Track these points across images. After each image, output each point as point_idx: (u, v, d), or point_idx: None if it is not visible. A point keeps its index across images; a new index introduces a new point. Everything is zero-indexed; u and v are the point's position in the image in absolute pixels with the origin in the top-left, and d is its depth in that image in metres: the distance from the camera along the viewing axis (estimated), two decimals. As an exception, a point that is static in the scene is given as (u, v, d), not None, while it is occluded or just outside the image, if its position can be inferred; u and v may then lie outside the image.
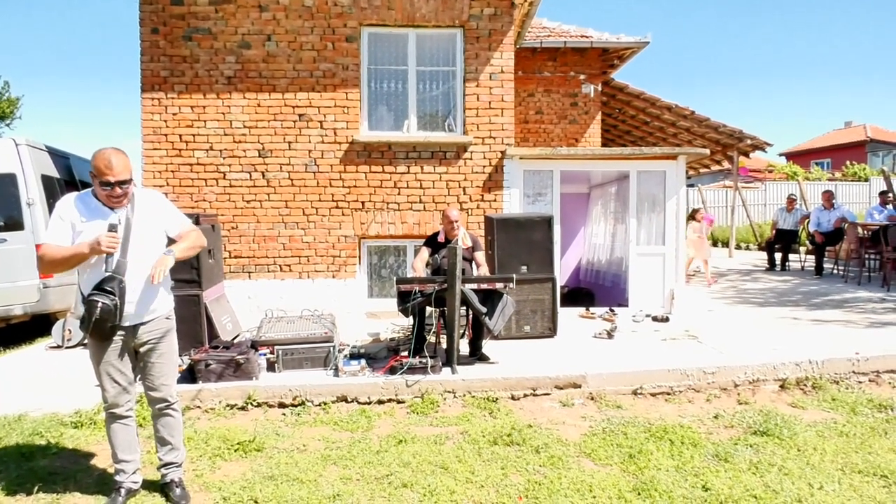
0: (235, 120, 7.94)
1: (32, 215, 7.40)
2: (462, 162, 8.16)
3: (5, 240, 7.38)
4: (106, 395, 3.25)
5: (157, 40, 7.83)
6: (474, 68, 8.11)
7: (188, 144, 7.92)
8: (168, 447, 3.40)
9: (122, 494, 3.29)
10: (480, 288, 5.47)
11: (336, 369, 5.19)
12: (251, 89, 7.94)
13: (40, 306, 7.51)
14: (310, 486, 3.46)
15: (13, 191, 7.40)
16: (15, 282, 7.32)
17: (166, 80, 7.86)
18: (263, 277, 8.04)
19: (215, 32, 7.87)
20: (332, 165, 8.05)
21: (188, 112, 7.90)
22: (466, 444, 4.02)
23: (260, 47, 7.92)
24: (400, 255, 8.45)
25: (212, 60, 7.89)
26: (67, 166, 8.73)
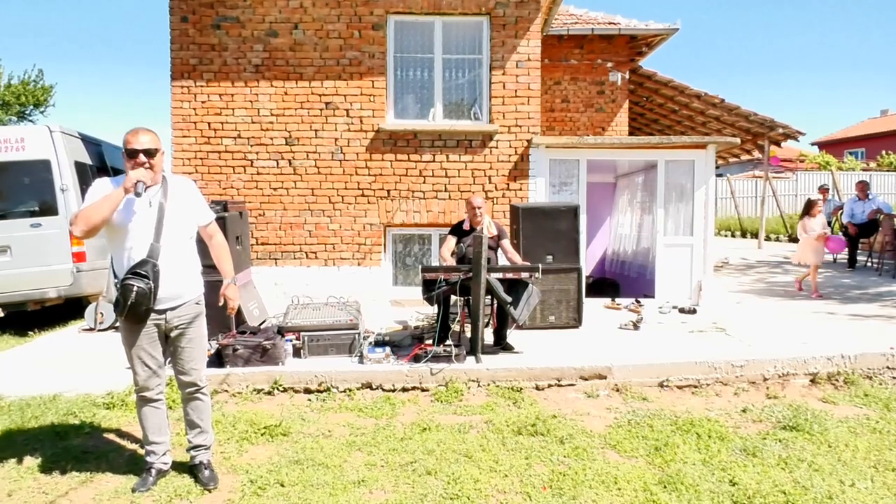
0: (263, 108, 7.99)
1: (66, 201, 7.54)
2: (488, 150, 8.12)
3: (40, 224, 7.54)
4: (137, 379, 3.31)
5: (187, 28, 7.89)
6: (500, 56, 8.04)
7: (216, 132, 8.00)
8: (197, 430, 3.47)
9: (153, 475, 3.36)
10: (505, 277, 5.46)
11: (361, 356, 5.23)
12: (278, 77, 7.98)
13: (73, 290, 7.66)
14: (335, 471, 3.49)
15: (47, 177, 7.54)
16: (49, 265, 7.48)
17: (195, 69, 7.94)
18: (290, 264, 8.11)
19: (243, 21, 7.92)
20: (357, 153, 8.07)
21: (216, 100, 7.97)
22: (490, 434, 4.02)
23: (287, 35, 7.95)
24: (425, 244, 8.46)
25: (240, 48, 7.94)
26: (99, 153, 8.87)
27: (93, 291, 7.80)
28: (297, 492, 3.24)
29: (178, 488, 3.29)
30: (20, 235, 7.49)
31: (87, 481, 3.41)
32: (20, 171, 7.63)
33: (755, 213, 20.03)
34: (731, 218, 21.25)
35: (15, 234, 7.49)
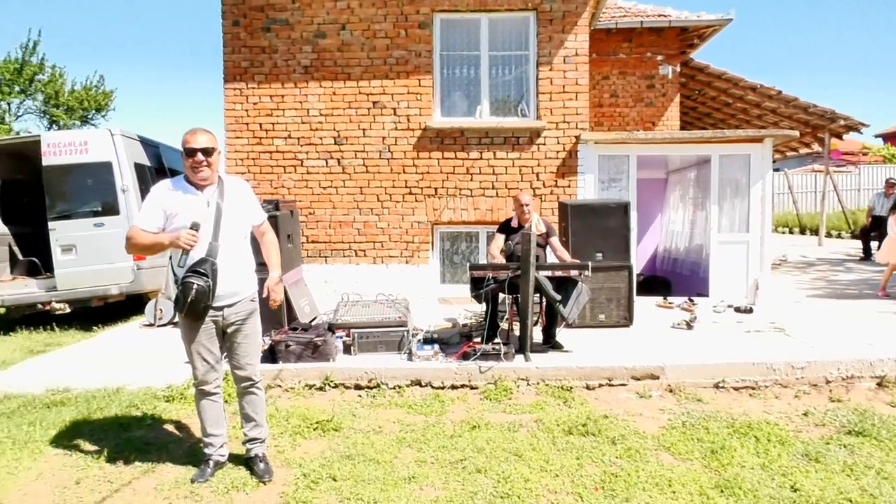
0: (312, 108, 8.12)
1: (126, 201, 7.83)
2: (535, 147, 8.05)
3: (103, 224, 7.85)
4: (195, 373, 3.41)
5: (238, 32, 8.09)
6: (548, 52, 7.96)
7: (268, 133, 8.17)
8: (252, 424, 3.55)
9: (211, 466, 3.46)
10: (554, 275, 5.40)
11: (410, 353, 5.26)
12: (327, 78, 8.10)
13: (134, 286, 7.95)
14: (386, 466, 3.52)
15: (109, 178, 7.84)
16: (112, 263, 7.77)
17: (247, 71, 8.13)
18: (339, 262, 8.23)
19: (292, 23, 8.06)
20: (405, 152, 8.12)
21: (267, 101, 8.15)
22: (540, 433, 3.99)
23: (335, 36, 8.06)
24: (472, 242, 8.45)
25: (289, 50, 8.09)
26: (157, 154, 9.18)
27: (152, 288, 8.09)
28: (349, 486, 3.28)
29: (235, 480, 3.38)
30: (84, 234, 7.81)
31: (148, 471, 3.54)
32: (84, 172, 7.96)
33: (815, 208, 19.29)
34: (788, 214, 20.53)
35: (80, 234, 7.82)
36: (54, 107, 18.45)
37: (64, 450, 3.86)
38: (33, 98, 18.45)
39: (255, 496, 3.24)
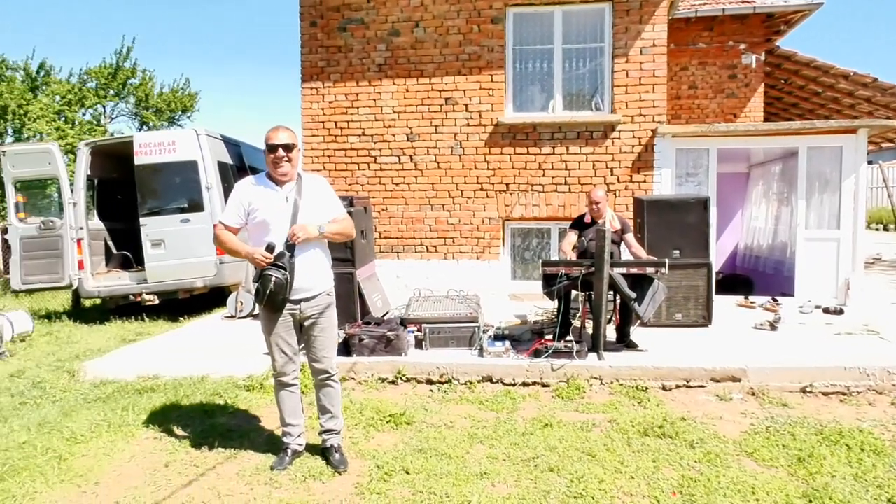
0: (385, 105, 8.24)
1: (210, 198, 8.20)
2: (609, 142, 7.88)
3: (188, 220, 8.25)
4: (275, 364, 3.54)
5: (315, 33, 8.30)
6: (624, 43, 7.76)
7: (343, 130, 8.35)
8: (328, 415, 3.64)
9: (289, 455, 3.57)
10: (630, 272, 5.27)
11: (481, 349, 5.26)
12: (400, 75, 8.19)
13: (217, 280, 8.32)
14: (458, 461, 3.54)
15: (195, 176, 8.23)
16: (197, 257, 8.16)
17: (323, 70, 8.33)
18: (411, 258, 8.32)
19: (367, 22, 8.20)
20: (477, 148, 8.12)
21: (342, 99, 8.33)
22: (615, 433, 3.91)
23: (408, 34, 8.14)
24: (544, 238, 8.37)
25: (364, 49, 8.23)
26: (239, 153, 9.55)
27: (233, 282, 8.43)
28: (422, 480, 3.32)
29: (312, 469, 3.48)
30: (172, 230, 8.24)
31: (231, 457, 3.69)
32: (172, 171, 8.38)
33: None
34: (883, 209, 19.24)
35: (168, 229, 8.24)
36: (145, 109, 19.52)
37: (154, 434, 4.09)
38: (126, 101, 19.57)
39: (331, 486, 3.32)
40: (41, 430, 4.22)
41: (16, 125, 16.60)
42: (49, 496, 3.29)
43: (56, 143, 9.27)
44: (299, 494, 3.22)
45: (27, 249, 8.50)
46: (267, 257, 3.26)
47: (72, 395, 4.99)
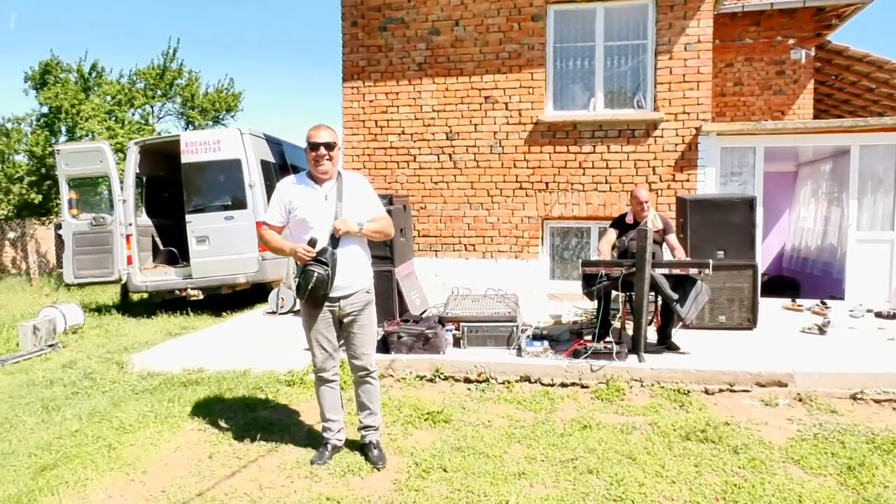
0: (425, 104, 8.27)
1: (253, 196, 8.36)
2: (652, 140, 7.75)
3: (232, 217, 8.43)
4: (315, 360, 3.59)
5: (357, 32, 8.38)
6: (667, 39, 7.62)
7: (383, 129, 8.42)
8: (367, 412, 3.68)
9: (329, 450, 3.62)
10: (672, 273, 5.18)
11: (519, 349, 5.24)
12: (440, 74, 8.21)
13: (259, 276, 8.49)
14: (495, 461, 3.54)
15: (238, 174, 8.40)
16: (240, 254, 8.34)
17: (364, 70, 8.40)
18: (449, 256, 8.34)
19: (408, 21, 8.24)
20: (516, 146, 8.08)
21: (383, 98, 8.39)
22: (655, 437, 3.85)
23: (448, 33, 8.15)
24: (583, 237, 8.29)
25: (404, 48, 8.27)
26: (280, 152, 9.71)
27: (275, 278, 8.58)
28: (460, 478, 3.33)
29: (351, 464, 3.52)
30: (216, 227, 8.43)
31: (272, 450, 3.76)
32: (216, 169, 8.58)
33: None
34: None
35: (212, 226, 8.44)
36: (190, 108, 19.99)
37: (199, 425, 4.19)
38: (173, 101, 20.07)
39: (370, 481, 3.36)
40: (92, 419, 4.37)
41: (69, 125, 17.18)
42: (99, 483, 3.40)
43: (107, 143, 9.58)
44: (338, 489, 3.26)
45: (79, 245, 8.81)
46: (309, 251, 3.30)
47: (121, 386, 5.16)
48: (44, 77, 17.53)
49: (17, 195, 17.49)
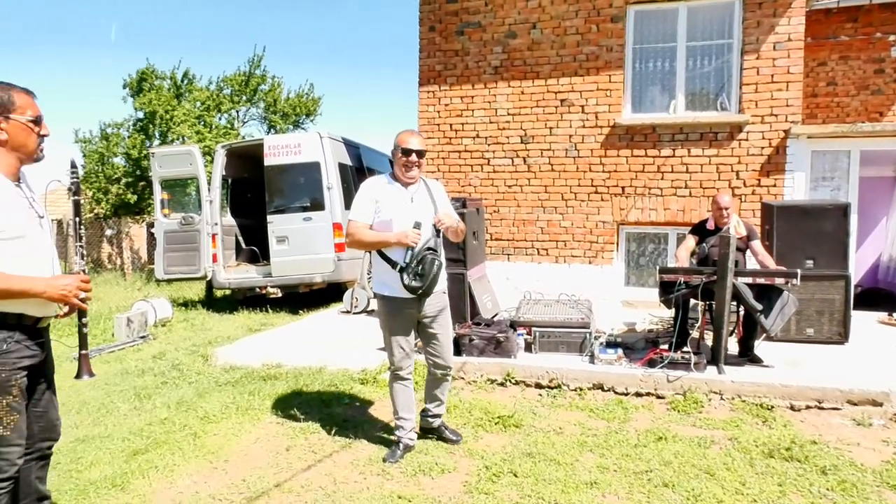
0: (500, 108, 8.27)
1: (331, 198, 8.60)
2: (736, 143, 7.45)
3: (311, 218, 8.70)
4: (393, 359, 3.66)
5: (434, 37, 8.47)
6: (755, 38, 7.31)
7: (457, 133, 8.47)
8: (437, 402, 3.86)
9: (401, 448, 3.68)
10: (756, 282, 4.96)
11: (592, 356, 5.15)
12: (515, 77, 8.19)
13: (334, 276, 8.72)
14: (567, 468, 3.49)
15: (317, 177, 8.67)
16: (317, 254, 8.60)
17: (440, 74, 8.49)
18: (521, 260, 8.29)
19: (484, 25, 8.26)
20: (592, 150, 7.95)
21: (458, 102, 8.44)
22: (736, 452, 3.70)
23: (525, 35, 8.11)
24: (660, 243, 8.06)
25: (480, 52, 8.30)
26: (357, 155, 9.95)
27: (349, 278, 8.79)
28: (530, 484, 3.31)
29: (422, 464, 3.56)
30: (295, 228, 8.72)
31: (346, 446, 3.86)
32: (296, 172, 8.88)
33: None
34: None
35: (292, 227, 8.74)
36: (273, 113, 20.77)
37: (277, 419, 4.35)
38: (256, 106, 20.93)
39: (440, 482, 3.38)
40: (179, 408, 4.61)
41: (162, 129, 18.20)
42: (185, 469, 3.59)
43: (196, 146, 10.10)
44: (410, 488, 3.31)
45: (169, 243, 9.32)
46: (417, 233, 3.40)
47: (205, 378, 5.42)
48: (140, 84, 18.65)
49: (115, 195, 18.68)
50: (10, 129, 2.33)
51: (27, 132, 2.36)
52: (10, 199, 2.30)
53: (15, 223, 2.29)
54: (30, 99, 2.40)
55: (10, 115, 2.32)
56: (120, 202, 18.70)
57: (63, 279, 2.37)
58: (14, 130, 2.33)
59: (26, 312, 2.36)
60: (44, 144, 2.44)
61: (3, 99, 2.32)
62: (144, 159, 17.30)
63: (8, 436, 2.33)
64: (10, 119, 2.32)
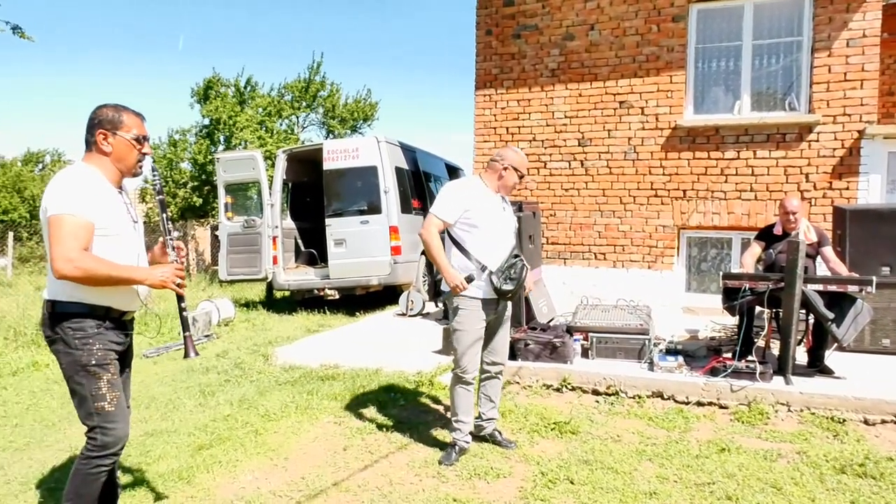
0: (557, 110, 8.19)
1: (387, 201, 8.71)
2: (805, 145, 7.15)
3: (367, 221, 8.83)
4: (463, 361, 3.66)
5: (490, 41, 8.47)
6: (826, 35, 7.01)
7: (513, 136, 8.44)
8: (491, 405, 3.90)
9: (456, 451, 3.69)
10: (827, 290, 4.74)
11: (651, 363, 5.03)
12: (573, 80, 8.10)
13: (390, 279, 8.82)
14: (625, 477, 3.42)
15: (374, 181, 8.79)
16: (373, 257, 8.72)
17: (496, 78, 8.48)
18: (578, 264, 8.19)
19: (541, 27, 8.21)
20: (651, 152, 7.78)
21: (514, 105, 8.41)
22: (804, 467, 3.54)
23: (583, 37, 8.02)
24: (723, 248, 7.81)
25: (537, 55, 8.25)
26: (414, 159, 10.04)
27: (405, 281, 8.88)
28: (587, 492, 3.25)
29: (477, 468, 3.55)
30: (353, 231, 8.87)
31: (402, 448, 3.89)
32: (354, 176, 9.04)
33: None
34: None
35: (349, 230, 8.89)
36: (331, 118, 21.23)
37: (334, 418, 4.42)
38: (315, 111, 21.42)
39: (496, 486, 3.37)
40: (241, 405, 4.75)
41: (226, 135, 18.86)
42: (247, 465, 3.69)
43: (259, 151, 10.40)
44: (465, 491, 3.31)
45: (232, 245, 9.63)
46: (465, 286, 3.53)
47: (266, 377, 5.56)
48: (206, 92, 19.37)
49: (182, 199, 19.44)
50: (116, 143, 2.60)
51: (129, 148, 2.63)
52: (112, 201, 2.57)
53: (115, 223, 2.56)
54: (138, 120, 2.66)
55: (117, 132, 2.59)
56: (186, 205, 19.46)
57: (161, 268, 2.63)
58: (118, 145, 2.60)
59: (113, 306, 2.59)
60: (143, 162, 2.70)
61: (113, 117, 2.59)
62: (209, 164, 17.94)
63: (113, 411, 2.56)
64: (116, 135, 2.59)
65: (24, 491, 3.48)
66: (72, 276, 2.37)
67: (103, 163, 2.59)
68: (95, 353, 2.52)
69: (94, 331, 2.53)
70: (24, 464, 3.88)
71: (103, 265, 2.44)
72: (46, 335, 2.57)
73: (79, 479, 2.56)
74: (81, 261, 2.38)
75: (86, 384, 2.52)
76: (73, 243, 2.37)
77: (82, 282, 2.43)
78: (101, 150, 2.58)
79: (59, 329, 2.51)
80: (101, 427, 2.54)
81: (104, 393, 2.54)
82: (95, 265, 2.42)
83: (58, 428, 4.54)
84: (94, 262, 2.42)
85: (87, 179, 2.51)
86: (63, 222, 2.38)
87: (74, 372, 2.52)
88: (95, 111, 2.60)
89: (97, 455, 2.55)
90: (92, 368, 2.52)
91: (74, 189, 2.44)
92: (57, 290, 2.51)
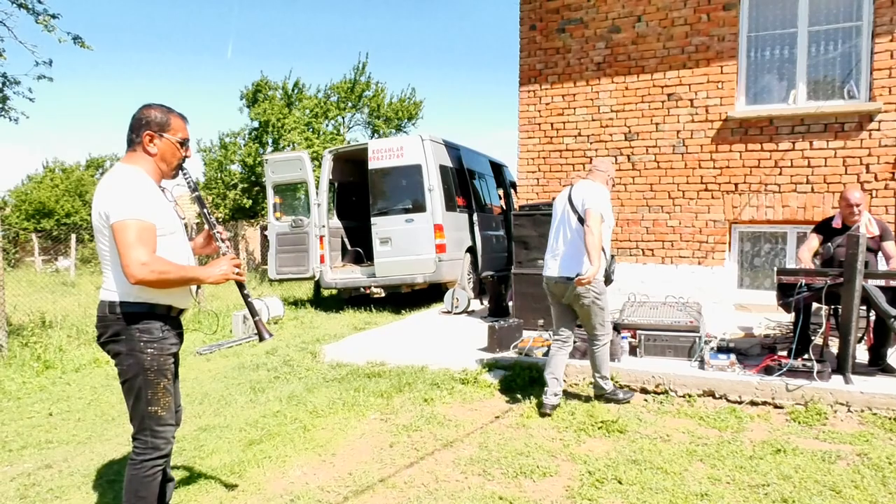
0: (603, 105, 8.06)
1: (432, 199, 8.74)
2: (866, 134, 6.84)
3: (412, 220, 8.88)
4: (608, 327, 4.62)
5: (534, 36, 8.39)
6: (888, 19, 6.68)
7: (558, 132, 8.34)
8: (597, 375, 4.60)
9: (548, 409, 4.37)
10: (889, 285, 4.53)
11: (702, 361, 4.91)
12: (619, 73, 7.95)
13: (435, 277, 8.84)
14: (675, 478, 3.35)
15: (419, 179, 8.83)
16: (418, 255, 8.76)
17: (541, 73, 8.40)
18: (625, 261, 8.04)
19: (586, 21, 8.08)
20: (701, 145, 7.58)
21: (559, 101, 8.31)
22: (866, 469, 3.40)
23: (629, 30, 7.86)
24: (777, 243, 7.55)
25: (582, 49, 8.13)
26: (458, 156, 10.04)
27: (450, 279, 8.89)
28: (636, 492, 3.20)
29: (523, 467, 3.52)
30: (398, 229, 8.93)
31: (447, 445, 3.90)
32: (399, 174, 9.10)
33: None
34: None
35: (394, 228, 8.96)
36: (376, 118, 21.42)
37: (381, 415, 4.47)
38: (361, 111, 21.65)
39: (542, 485, 3.35)
40: (290, 402, 4.85)
41: (274, 136, 19.25)
42: (296, 460, 3.77)
43: (306, 152, 10.57)
44: (511, 490, 3.30)
45: (281, 244, 9.82)
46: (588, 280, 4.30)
47: (314, 374, 5.66)
48: (255, 95, 19.80)
49: (232, 200, 19.94)
50: (162, 144, 2.64)
51: (174, 150, 2.68)
52: (163, 201, 2.64)
53: (170, 221, 2.62)
54: (183, 123, 2.72)
55: (164, 134, 2.64)
56: (236, 206, 19.95)
57: (218, 263, 2.70)
58: (164, 147, 2.65)
59: (173, 304, 2.67)
60: (185, 164, 2.77)
61: (161, 119, 2.63)
62: (258, 166, 18.34)
63: (164, 415, 2.64)
64: (163, 137, 2.63)
65: (85, 483, 3.63)
66: (148, 279, 2.43)
67: (147, 163, 2.62)
68: (157, 358, 2.58)
69: (160, 334, 2.59)
70: (85, 457, 4.05)
71: (173, 267, 2.51)
72: (107, 335, 2.58)
73: (136, 483, 2.61)
74: (155, 264, 2.44)
75: (143, 388, 2.57)
76: (144, 247, 2.43)
77: (155, 285, 2.48)
78: (146, 150, 2.61)
79: (124, 332, 2.55)
80: (152, 430, 2.61)
81: (160, 398, 2.60)
82: (167, 267, 2.48)
83: (117, 423, 4.72)
84: (166, 265, 2.48)
85: (140, 182, 2.56)
86: (130, 227, 2.43)
87: (135, 375, 2.57)
88: (142, 111, 2.63)
89: (149, 458, 2.61)
90: (152, 374, 2.57)
91: (133, 193, 2.49)
92: (122, 291, 2.54)
